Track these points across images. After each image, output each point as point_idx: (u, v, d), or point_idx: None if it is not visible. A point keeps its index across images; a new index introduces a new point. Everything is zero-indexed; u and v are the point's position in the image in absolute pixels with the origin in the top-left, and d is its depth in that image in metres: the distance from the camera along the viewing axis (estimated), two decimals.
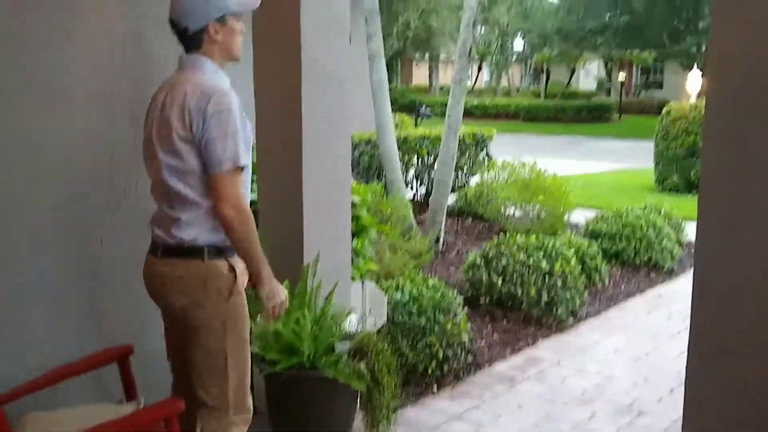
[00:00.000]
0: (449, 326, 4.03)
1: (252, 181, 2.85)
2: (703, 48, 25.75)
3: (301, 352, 2.95)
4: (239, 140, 2.26)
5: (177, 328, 2.43)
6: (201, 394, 2.40)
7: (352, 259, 3.78)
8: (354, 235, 3.95)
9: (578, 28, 27.37)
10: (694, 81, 12.25)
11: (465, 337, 4.17)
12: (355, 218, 4.03)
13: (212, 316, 2.35)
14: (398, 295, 4.05)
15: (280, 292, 2.42)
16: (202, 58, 2.36)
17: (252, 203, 2.58)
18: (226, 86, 2.33)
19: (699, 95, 12.10)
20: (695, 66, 13.91)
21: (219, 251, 2.35)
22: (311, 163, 3.24)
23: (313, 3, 3.15)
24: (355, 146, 7.64)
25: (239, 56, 2.46)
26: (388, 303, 3.90)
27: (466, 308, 4.43)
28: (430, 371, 3.95)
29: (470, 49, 6.91)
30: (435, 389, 3.92)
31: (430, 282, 4.30)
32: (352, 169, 3.55)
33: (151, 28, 2.96)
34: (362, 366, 3.05)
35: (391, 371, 3.32)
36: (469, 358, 4.24)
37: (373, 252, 4.66)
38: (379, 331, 3.58)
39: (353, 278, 3.68)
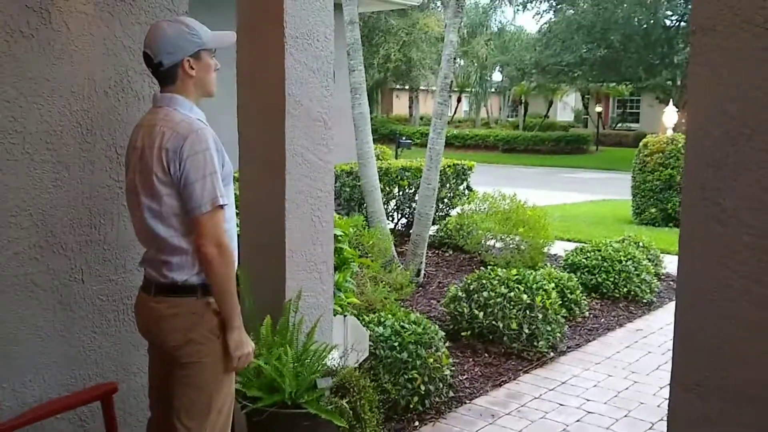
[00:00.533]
0: (431, 361, 4.02)
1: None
2: (678, 82, 26.28)
3: (283, 389, 2.92)
4: (217, 180, 2.25)
5: (165, 363, 2.39)
6: (180, 431, 2.35)
7: (334, 293, 3.77)
8: (336, 268, 3.94)
9: (555, 62, 27.83)
10: (670, 115, 12.47)
11: (447, 372, 4.16)
12: (337, 251, 4.03)
13: (205, 352, 2.33)
14: (380, 330, 4.04)
15: (248, 344, 2.40)
16: (176, 96, 2.35)
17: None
18: (201, 124, 2.32)
19: (675, 128, 12.29)
20: (671, 101, 14.15)
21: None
22: (294, 199, 3.24)
23: (299, 46, 3.18)
24: (336, 177, 7.65)
25: (214, 92, 2.46)
26: (370, 337, 3.88)
27: (447, 342, 4.42)
28: (411, 406, 3.93)
29: (451, 84, 6.99)
30: (416, 425, 3.89)
31: (412, 316, 4.29)
32: (334, 201, 3.56)
33: (136, 67, 2.96)
34: (344, 403, 3.02)
35: (372, 408, 3.30)
36: (451, 393, 4.23)
37: (354, 285, 4.66)
38: (361, 366, 3.56)
39: (335, 312, 3.66)
